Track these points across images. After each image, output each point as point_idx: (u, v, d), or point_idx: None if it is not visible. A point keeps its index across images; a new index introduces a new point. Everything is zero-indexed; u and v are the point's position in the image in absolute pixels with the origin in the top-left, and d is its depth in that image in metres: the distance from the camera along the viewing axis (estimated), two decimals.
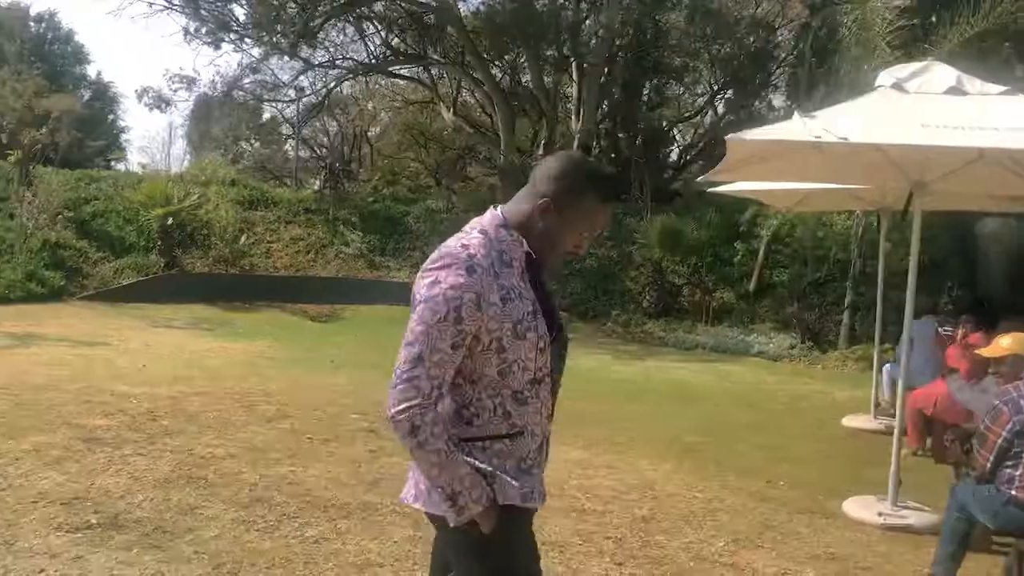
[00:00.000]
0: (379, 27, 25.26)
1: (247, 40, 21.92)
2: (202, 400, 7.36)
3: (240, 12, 20.82)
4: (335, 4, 20.46)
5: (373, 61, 25.83)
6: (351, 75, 26.27)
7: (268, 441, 6.10)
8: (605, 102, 25.02)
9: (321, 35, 25.45)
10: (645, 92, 25.66)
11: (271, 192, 20.17)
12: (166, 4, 19.63)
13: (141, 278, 15.81)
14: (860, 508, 5.25)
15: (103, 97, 33.21)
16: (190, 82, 24.08)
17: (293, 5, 20.24)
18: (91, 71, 33.13)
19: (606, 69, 25.04)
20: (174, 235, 16.62)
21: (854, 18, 10.65)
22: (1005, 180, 5.50)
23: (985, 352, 4.48)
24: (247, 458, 5.60)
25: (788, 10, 20.60)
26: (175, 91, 24.46)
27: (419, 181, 22.21)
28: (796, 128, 4.25)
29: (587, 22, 23.76)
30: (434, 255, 1.96)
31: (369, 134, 29.74)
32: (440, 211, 19.59)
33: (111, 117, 33.41)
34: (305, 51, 25.00)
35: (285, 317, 15.41)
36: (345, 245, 17.92)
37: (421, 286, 1.94)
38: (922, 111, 4.52)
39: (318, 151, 32.66)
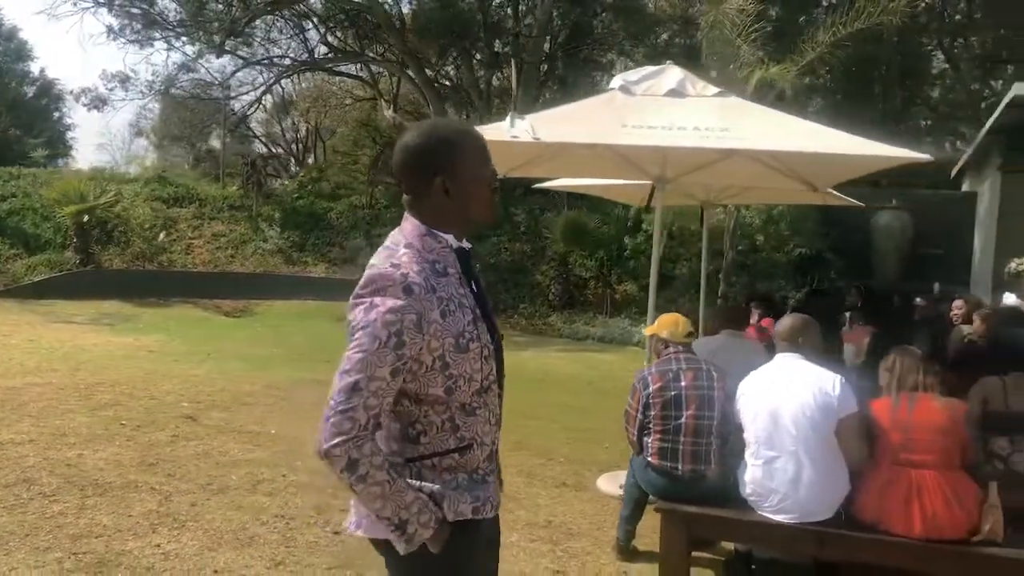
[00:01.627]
0: (318, 25, 25.52)
1: (173, 39, 22.12)
2: (42, 390, 7.65)
3: (167, 10, 20.96)
4: (261, 3, 20.63)
5: (310, 59, 26.13)
6: (289, 72, 26.49)
7: (77, 427, 6.40)
8: (542, 98, 25.42)
9: (261, 33, 25.78)
10: (579, 88, 26.01)
11: (197, 189, 20.36)
12: (93, 2, 19.79)
13: (54, 275, 15.97)
14: (609, 482, 5.64)
15: (48, 94, 33.16)
16: (124, 80, 24.27)
17: (218, 3, 20.43)
18: (35, 68, 33.09)
19: (545, 67, 25.53)
20: (90, 232, 16.78)
21: (710, 19, 11.03)
22: (753, 171, 5.92)
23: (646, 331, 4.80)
24: (44, 443, 5.91)
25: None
26: (111, 90, 24.66)
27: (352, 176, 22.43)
28: (503, 127, 4.61)
29: (526, 20, 24.15)
30: (364, 279, 1.85)
31: (322, 130, 30.07)
32: (363, 207, 19.88)
33: (56, 114, 33.35)
34: (244, 50, 25.33)
35: (196, 312, 15.65)
36: (264, 241, 18.17)
37: (356, 313, 1.82)
38: (630, 112, 4.88)
39: (285, 148, 33.00)
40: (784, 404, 3.72)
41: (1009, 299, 7.42)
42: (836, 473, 3.73)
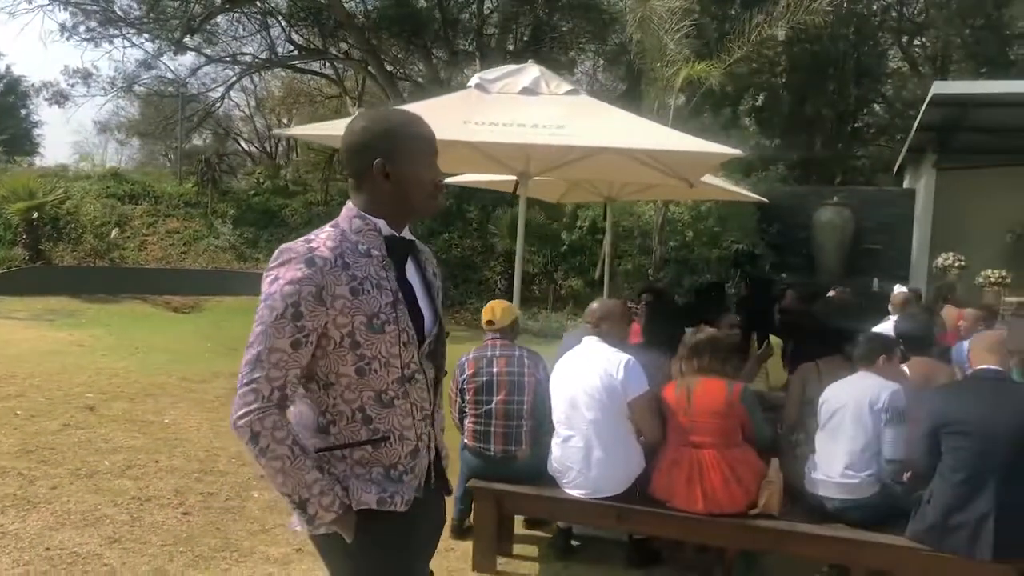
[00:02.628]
0: (282, 23, 25.62)
1: (134, 36, 22.17)
2: None
3: (124, 7, 20.99)
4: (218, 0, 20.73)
5: (274, 56, 26.22)
6: (252, 70, 26.58)
7: None
8: None
9: (228, 31, 25.87)
10: None
11: (153, 186, 20.42)
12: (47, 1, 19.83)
13: (1, 271, 16.04)
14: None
15: (15, 91, 33.10)
16: (86, 77, 24.31)
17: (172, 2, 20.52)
18: (0, 65, 33.02)
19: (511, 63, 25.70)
20: (40, 229, 16.85)
21: (637, 16, 11.23)
22: (628, 167, 6.13)
23: None
24: None
25: None
26: (72, 86, 24.69)
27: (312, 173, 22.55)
28: (339, 124, 4.80)
29: (491, 18, 24.33)
30: (275, 252, 1.89)
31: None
32: (318, 204, 20.02)
33: (23, 111, 33.29)
34: (209, 48, 25.41)
35: (144, 309, 15.74)
36: (215, 238, 18.28)
37: (264, 286, 1.86)
38: (477, 110, 5.08)
39: (259, 146, 33.04)
40: (578, 386, 3.93)
41: (901, 290, 7.64)
42: (628, 451, 3.94)
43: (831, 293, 7.59)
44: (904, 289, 7.55)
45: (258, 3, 23.71)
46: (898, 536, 3.62)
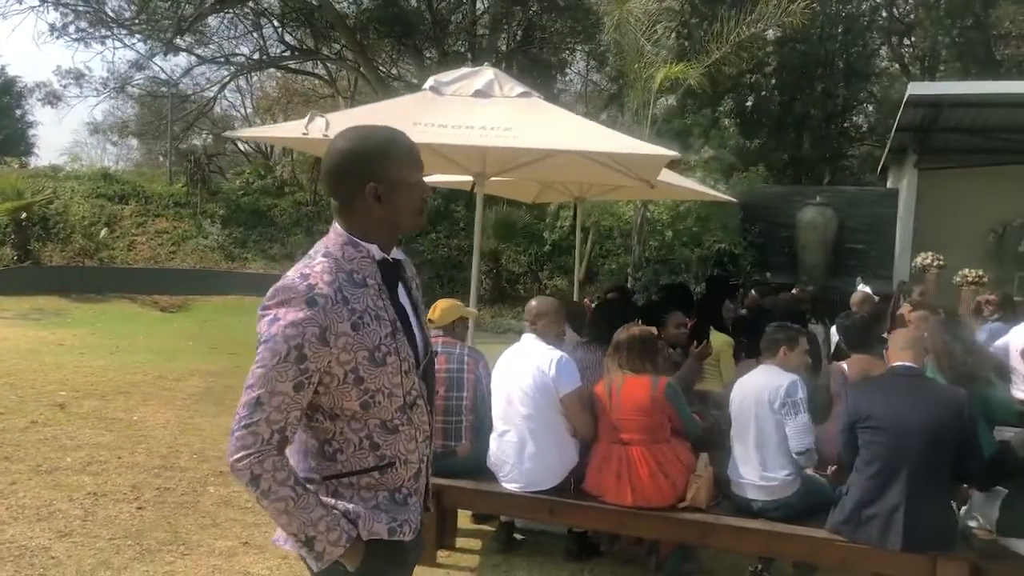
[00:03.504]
0: (275, 24, 25.75)
1: (126, 36, 22.30)
2: None
3: (114, 8, 21.13)
4: (207, 1, 20.84)
5: (265, 57, 26.34)
6: (244, 70, 26.70)
7: None
8: None
9: (221, 31, 26.00)
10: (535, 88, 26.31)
11: (144, 186, 20.54)
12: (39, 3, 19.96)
13: None
14: None
15: (10, 92, 33.18)
16: (79, 77, 24.43)
17: (163, 0, 20.62)
18: None
19: (503, 65, 25.83)
20: (29, 229, 16.96)
21: (614, 19, 11.32)
22: (587, 168, 6.22)
23: None
24: None
25: None
26: (64, 87, 24.83)
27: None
28: (300, 124, 4.89)
29: (481, 19, 24.46)
30: (272, 290, 1.81)
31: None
32: (306, 204, 20.12)
33: (19, 112, 33.38)
34: (202, 48, 25.54)
35: (131, 308, 15.85)
36: (204, 238, 18.39)
37: (261, 325, 1.78)
38: (426, 111, 5.17)
39: (255, 146, 33.13)
40: (514, 382, 4.03)
41: (865, 288, 7.76)
42: (560, 447, 4.04)
43: (793, 291, 7.68)
44: (867, 289, 7.65)
45: (251, 4, 23.85)
46: (818, 528, 3.72)
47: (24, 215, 16.68)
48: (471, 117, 5.07)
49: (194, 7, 21.53)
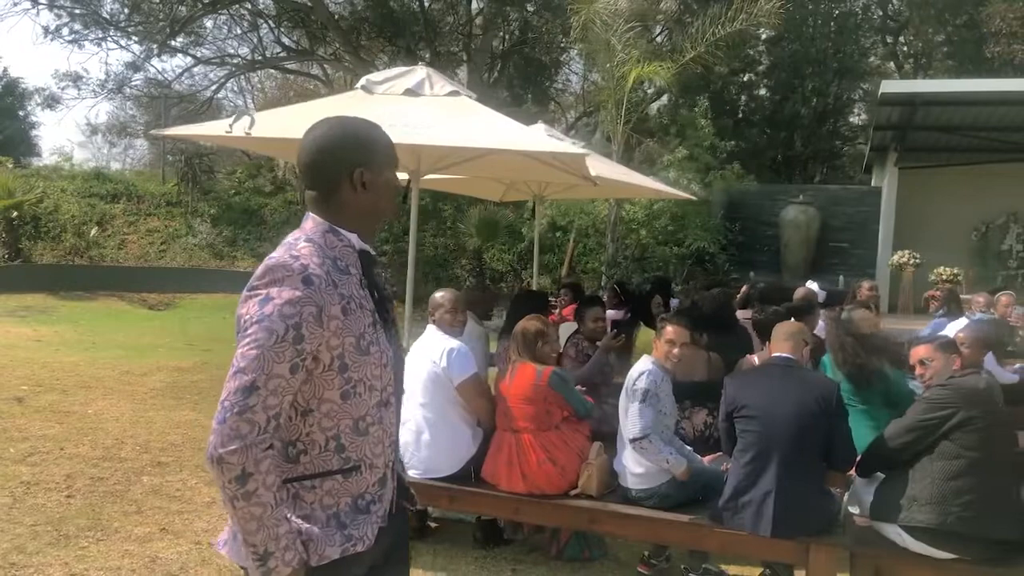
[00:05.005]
0: (271, 25, 25.96)
1: (121, 38, 22.52)
2: None
3: (107, 10, 21.33)
4: (199, 3, 21.04)
5: (261, 58, 26.56)
6: (240, 71, 26.91)
7: None
8: (494, 98, 25.85)
9: (218, 32, 26.23)
10: (529, 88, 26.49)
11: (137, 185, 20.78)
12: (32, 2, 20.18)
13: None
14: None
15: (13, 93, 33.51)
16: (76, 79, 24.67)
17: (155, 1, 20.82)
18: None
19: (499, 66, 25.97)
20: (20, 227, 17.20)
21: (581, 19, 11.40)
22: (521, 165, 6.33)
23: None
24: None
25: None
26: (62, 89, 25.08)
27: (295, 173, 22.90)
28: (225, 123, 5.01)
29: (478, 20, 24.56)
30: (260, 269, 1.73)
31: None
32: (297, 203, 20.29)
33: (21, 113, 33.68)
34: (199, 50, 25.77)
35: (119, 305, 16.08)
36: (193, 236, 18.60)
37: (250, 306, 1.69)
38: (355, 110, 5.26)
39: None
40: (413, 372, 4.14)
41: (812, 285, 7.83)
42: (455, 435, 4.15)
43: (743, 288, 7.75)
44: (814, 286, 7.71)
45: (248, 4, 24.05)
46: (700, 515, 3.81)
47: (15, 214, 16.93)
48: (400, 115, 5.17)
49: (187, 8, 21.72)
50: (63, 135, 71.45)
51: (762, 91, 24.02)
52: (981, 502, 3.24)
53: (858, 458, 3.69)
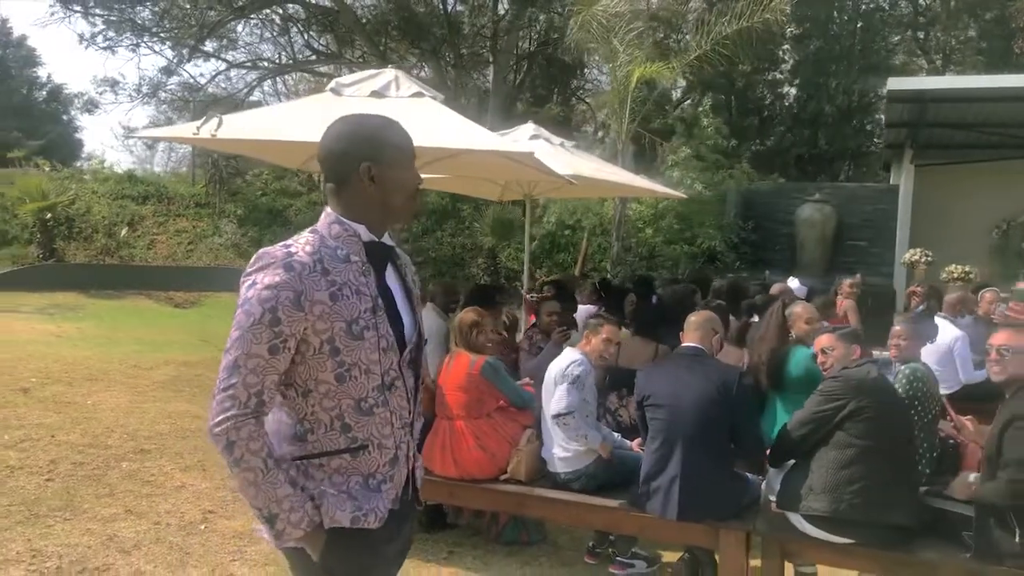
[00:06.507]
0: (301, 29, 26.53)
1: (156, 44, 23.20)
2: None
3: (140, 16, 21.96)
4: (228, 8, 21.56)
5: (291, 61, 27.14)
6: (270, 75, 27.51)
7: None
8: (520, 99, 26.07)
9: (246, 37, 26.87)
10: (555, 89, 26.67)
11: (168, 187, 21.36)
12: (65, 11, 20.88)
13: (15, 268, 17.02)
14: None
15: (57, 99, 34.67)
16: (113, 84, 25.45)
17: (185, 6, 21.39)
18: (42, 73, 34.69)
19: (524, 66, 26.16)
20: (54, 228, 17.83)
21: (579, 20, 11.50)
22: (497, 164, 6.50)
23: None
24: None
25: None
26: (100, 94, 25.90)
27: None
28: (193, 125, 5.27)
29: (504, 20, 24.78)
30: (253, 257, 1.88)
31: None
32: (321, 203, 20.67)
33: (65, 117, 34.81)
34: (230, 54, 26.42)
35: (146, 304, 16.56)
36: (219, 236, 19.08)
37: (241, 291, 1.83)
38: (321, 112, 5.49)
39: None
40: None
41: (792, 283, 7.88)
42: None
43: (715, 283, 7.80)
44: (795, 283, 7.77)
45: (279, 10, 24.59)
46: (619, 500, 3.95)
47: (49, 215, 17.54)
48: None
49: (217, 13, 22.28)
50: (102, 139, 73.40)
51: (787, 89, 23.82)
52: (873, 489, 3.33)
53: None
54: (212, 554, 4.30)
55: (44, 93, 34.84)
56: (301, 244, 1.87)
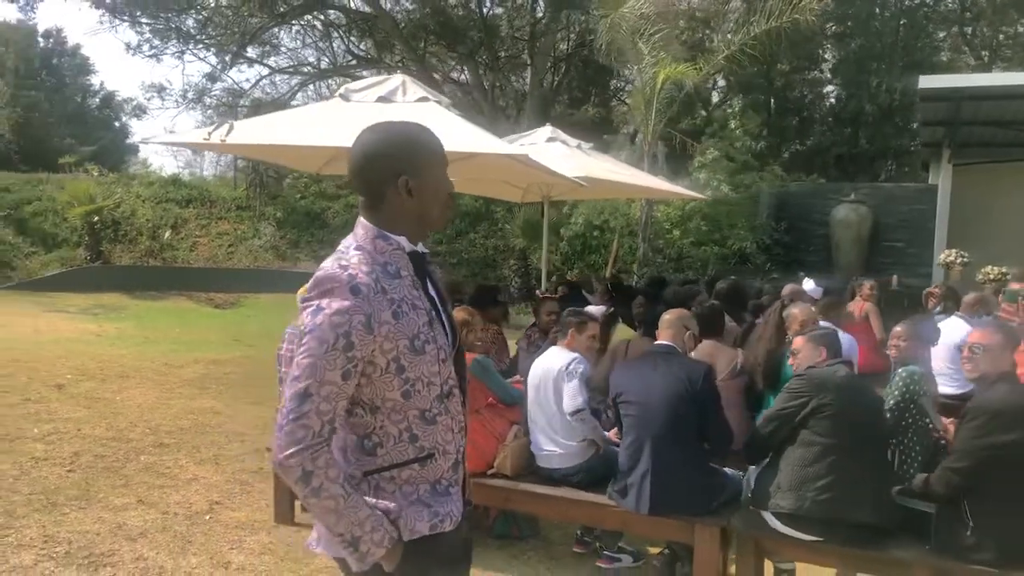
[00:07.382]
0: (341, 34, 27.01)
1: (200, 51, 23.84)
2: None
3: (184, 25, 22.61)
4: (266, 16, 22.07)
5: (332, 66, 27.63)
6: (311, 80, 28.03)
7: None
8: (558, 101, 26.18)
9: (288, 43, 27.44)
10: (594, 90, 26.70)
11: (210, 191, 21.91)
12: (110, 22, 21.59)
13: (64, 270, 17.64)
14: None
15: (110, 106, 35.71)
16: (161, 91, 26.21)
17: (227, 14, 21.94)
18: (95, 81, 35.76)
19: (563, 68, 26.27)
20: (101, 231, 18.43)
21: (606, 23, 11.56)
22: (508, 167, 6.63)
23: None
24: None
25: None
26: (148, 100, 26.69)
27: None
28: (205, 130, 5.49)
29: (541, 23, 24.92)
30: (312, 281, 1.82)
31: None
32: (358, 206, 21.03)
33: (117, 124, 35.82)
34: (273, 60, 27.04)
35: (187, 304, 17.04)
36: (258, 238, 19.53)
37: (304, 316, 1.80)
38: (331, 117, 5.67)
39: None
40: None
41: (807, 284, 7.83)
42: None
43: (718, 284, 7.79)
44: (810, 284, 7.74)
45: (321, 16, 25.06)
46: (602, 495, 4.03)
47: (96, 218, 18.14)
48: (365, 123, 5.53)
49: (259, 20, 22.80)
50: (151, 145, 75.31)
51: (827, 88, 23.51)
52: (836, 487, 3.37)
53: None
54: (213, 543, 4.49)
55: (97, 100, 35.91)
56: (356, 264, 1.83)
